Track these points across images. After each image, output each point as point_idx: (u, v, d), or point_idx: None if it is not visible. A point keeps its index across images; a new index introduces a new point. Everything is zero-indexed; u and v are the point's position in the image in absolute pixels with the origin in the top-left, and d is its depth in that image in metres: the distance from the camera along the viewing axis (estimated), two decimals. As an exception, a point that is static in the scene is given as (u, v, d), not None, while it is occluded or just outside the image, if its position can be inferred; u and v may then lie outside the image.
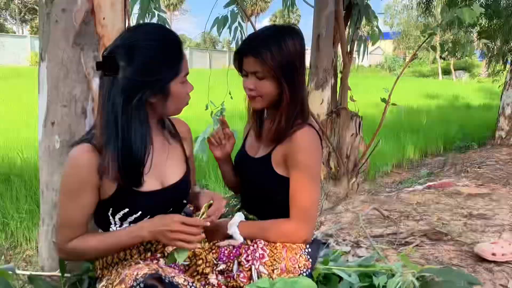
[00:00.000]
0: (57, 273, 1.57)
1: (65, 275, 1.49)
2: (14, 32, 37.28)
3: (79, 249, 1.27)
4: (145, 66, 1.17)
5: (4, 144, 5.32)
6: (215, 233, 1.50)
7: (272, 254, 1.40)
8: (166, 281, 1.09)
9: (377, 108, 10.31)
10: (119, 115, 1.16)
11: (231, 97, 3.41)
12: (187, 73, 1.28)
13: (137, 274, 1.06)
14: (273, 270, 1.36)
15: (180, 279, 1.13)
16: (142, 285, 1.05)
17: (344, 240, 2.30)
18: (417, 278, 1.45)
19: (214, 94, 3.14)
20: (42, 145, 1.57)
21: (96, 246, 1.27)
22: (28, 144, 5.35)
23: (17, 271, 1.51)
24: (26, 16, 37.85)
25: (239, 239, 1.43)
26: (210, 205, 1.33)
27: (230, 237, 1.46)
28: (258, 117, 1.59)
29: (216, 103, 3.27)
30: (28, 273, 1.51)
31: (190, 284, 1.14)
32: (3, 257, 3.19)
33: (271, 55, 1.37)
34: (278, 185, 1.48)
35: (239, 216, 1.49)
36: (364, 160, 3.54)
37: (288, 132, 1.43)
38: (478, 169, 4.99)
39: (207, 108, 3.33)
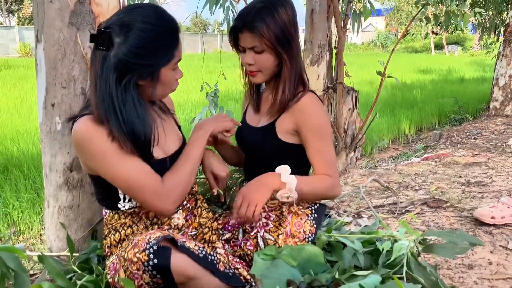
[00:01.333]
0: (66, 253, 1.59)
1: (74, 254, 1.51)
2: (1, 23, 36.67)
3: (175, 183, 1.26)
4: (138, 49, 1.15)
5: (-1, 136, 5.29)
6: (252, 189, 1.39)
7: (277, 219, 1.43)
8: (178, 243, 1.11)
9: (371, 86, 10.31)
10: (114, 93, 1.15)
11: (225, 78, 3.41)
12: (179, 60, 1.28)
13: (150, 238, 1.08)
14: (278, 236, 1.39)
15: (191, 244, 1.15)
16: (155, 247, 1.06)
17: (345, 211, 2.33)
18: (419, 242, 1.48)
19: (206, 78, 3.14)
20: (43, 127, 1.57)
21: (182, 167, 1.28)
22: (24, 134, 5.32)
23: (28, 253, 1.53)
24: (12, 7, 37.20)
25: (294, 194, 1.37)
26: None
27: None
28: (255, 91, 1.61)
29: (210, 85, 3.28)
30: (37, 253, 1.53)
31: (201, 249, 1.17)
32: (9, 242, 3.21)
33: (266, 27, 1.37)
34: (283, 152, 1.51)
35: (287, 168, 1.42)
36: (361, 134, 3.55)
37: (291, 100, 1.45)
38: (474, 140, 5.03)
39: (202, 89, 3.33)
